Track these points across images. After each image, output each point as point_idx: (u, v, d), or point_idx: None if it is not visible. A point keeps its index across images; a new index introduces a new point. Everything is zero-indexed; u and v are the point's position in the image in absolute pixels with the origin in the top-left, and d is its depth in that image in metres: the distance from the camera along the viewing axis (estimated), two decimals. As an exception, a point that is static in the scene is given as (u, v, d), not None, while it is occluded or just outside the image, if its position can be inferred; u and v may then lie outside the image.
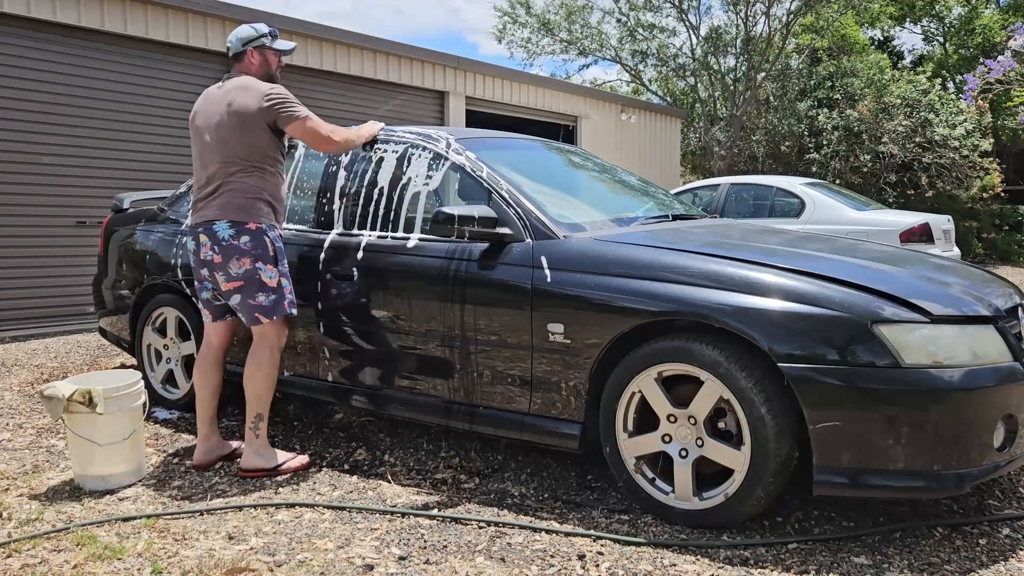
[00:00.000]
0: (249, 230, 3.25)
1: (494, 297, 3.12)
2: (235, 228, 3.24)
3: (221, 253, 3.25)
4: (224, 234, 3.24)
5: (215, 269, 3.29)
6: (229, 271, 3.26)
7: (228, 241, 3.24)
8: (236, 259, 3.24)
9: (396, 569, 2.49)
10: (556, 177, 4.07)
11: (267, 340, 3.33)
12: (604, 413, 2.91)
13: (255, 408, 3.36)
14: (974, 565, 2.50)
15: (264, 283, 3.28)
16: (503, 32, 22.69)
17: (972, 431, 2.48)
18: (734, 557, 2.55)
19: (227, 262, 3.25)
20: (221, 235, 3.24)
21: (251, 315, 3.31)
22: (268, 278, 3.28)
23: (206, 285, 3.42)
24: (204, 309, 3.48)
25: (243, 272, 3.25)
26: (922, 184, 14.66)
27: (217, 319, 3.47)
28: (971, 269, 3.31)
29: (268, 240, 3.29)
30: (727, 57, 20.17)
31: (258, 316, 3.30)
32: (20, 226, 7.01)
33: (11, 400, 4.66)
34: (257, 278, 3.27)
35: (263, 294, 3.28)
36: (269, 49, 3.51)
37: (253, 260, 3.25)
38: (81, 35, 7.29)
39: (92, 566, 2.52)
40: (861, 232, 7.39)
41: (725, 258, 2.82)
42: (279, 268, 3.32)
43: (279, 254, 3.34)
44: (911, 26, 23.17)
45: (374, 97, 10.01)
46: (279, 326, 3.36)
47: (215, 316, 3.46)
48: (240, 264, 3.25)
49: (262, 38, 3.49)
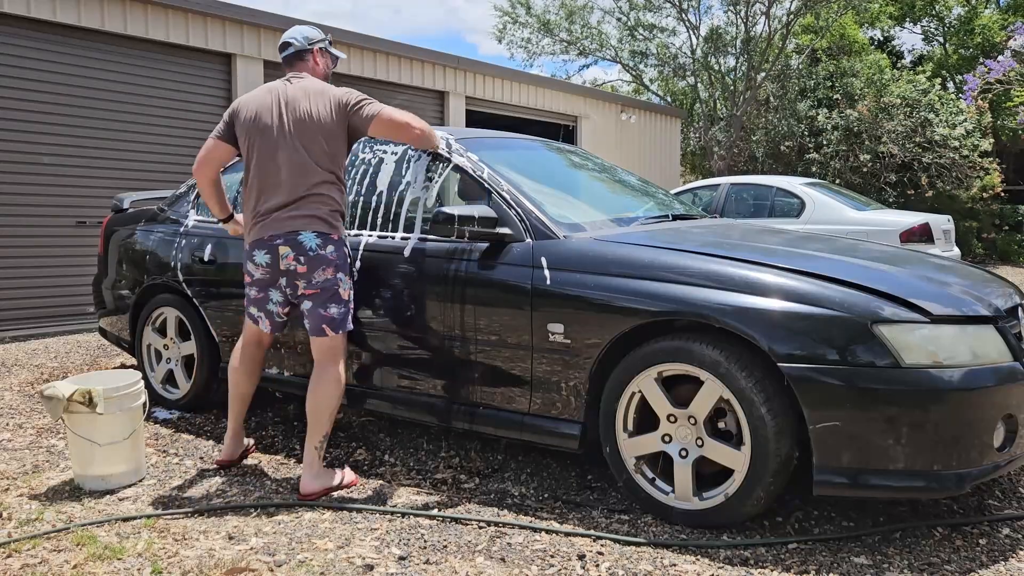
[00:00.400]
0: (334, 240, 3.13)
1: (494, 297, 3.12)
2: (321, 238, 3.10)
3: (307, 264, 3.09)
4: (311, 243, 3.09)
5: (298, 278, 3.13)
6: (312, 279, 3.12)
7: (315, 251, 3.09)
8: (323, 268, 3.11)
9: (396, 569, 2.49)
10: (556, 177, 4.07)
11: (336, 354, 3.16)
12: (604, 413, 2.91)
13: (324, 427, 3.13)
14: (974, 565, 2.50)
15: (339, 295, 3.15)
16: (503, 32, 22.70)
17: (972, 431, 2.48)
18: (734, 557, 2.56)
19: (312, 272, 3.11)
20: (308, 245, 3.09)
21: (318, 325, 3.14)
22: (344, 290, 3.17)
23: (273, 296, 3.24)
24: (266, 319, 3.29)
25: (324, 281, 3.12)
26: (922, 184, 14.66)
27: (276, 331, 3.35)
28: (971, 269, 3.31)
29: (347, 250, 3.24)
30: (727, 57, 20.19)
31: (325, 328, 3.13)
32: (20, 226, 7.01)
33: (11, 400, 4.66)
34: (335, 288, 3.14)
35: (335, 306, 3.15)
36: (329, 54, 3.44)
37: (336, 270, 3.14)
38: (81, 35, 7.29)
39: (92, 566, 2.52)
40: (861, 232, 7.40)
41: (725, 258, 2.82)
42: (351, 282, 3.26)
43: (352, 268, 3.31)
44: (911, 26, 23.17)
45: (374, 97, 9.99)
46: (344, 339, 3.21)
47: (274, 329, 3.34)
48: (325, 273, 3.12)
49: (324, 40, 3.40)
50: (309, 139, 3.12)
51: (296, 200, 3.10)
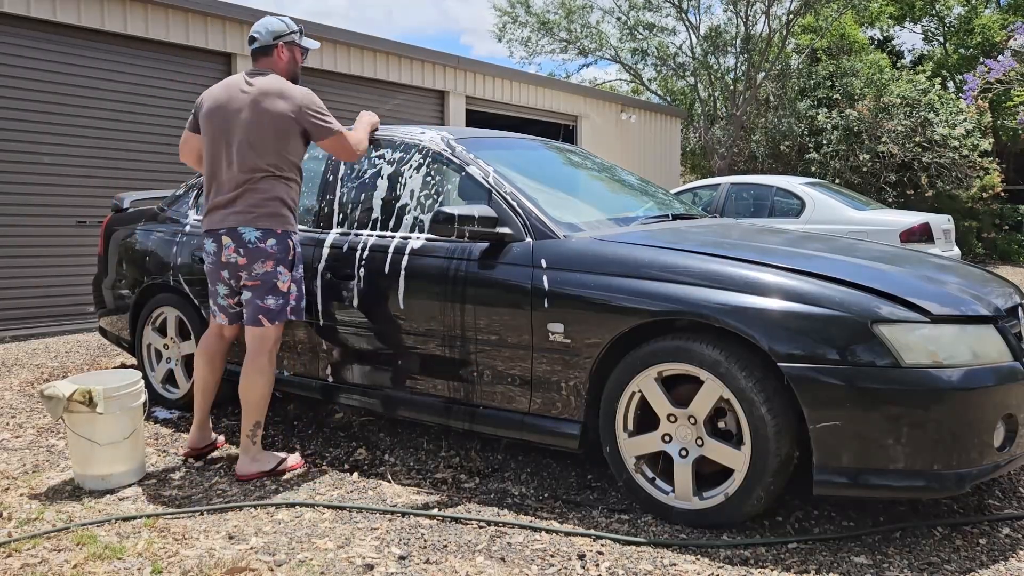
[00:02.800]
0: (276, 234, 3.22)
1: (494, 297, 3.12)
2: (262, 232, 3.20)
3: (247, 256, 3.21)
4: (250, 236, 3.19)
5: (236, 270, 3.25)
6: (252, 270, 3.23)
7: (255, 244, 3.20)
8: (261, 260, 3.22)
9: (396, 569, 2.49)
10: (556, 177, 4.07)
11: (266, 344, 3.29)
12: (604, 413, 2.91)
13: (254, 415, 3.30)
14: (974, 565, 2.50)
15: (277, 287, 3.25)
16: (503, 31, 22.69)
17: (972, 431, 2.48)
18: (734, 557, 2.56)
19: (252, 264, 3.22)
20: (247, 238, 3.20)
21: (255, 316, 3.26)
22: (282, 282, 3.26)
23: (220, 290, 3.37)
24: (220, 313, 3.42)
25: (263, 273, 3.23)
26: (922, 184, 14.66)
27: (233, 323, 3.44)
28: (971, 269, 3.31)
29: (291, 243, 3.28)
30: (727, 57, 20.19)
31: (261, 318, 3.26)
32: (20, 226, 7.01)
33: (11, 400, 4.66)
34: (273, 281, 3.24)
35: (272, 297, 3.25)
36: (298, 46, 3.42)
37: (275, 263, 3.23)
38: (81, 35, 7.29)
39: (92, 566, 2.52)
40: (861, 232, 7.39)
41: (725, 258, 2.82)
42: (293, 273, 3.31)
43: (297, 259, 3.33)
44: (911, 26, 23.17)
45: (374, 97, 10.01)
46: (279, 330, 3.33)
47: (231, 320, 3.43)
48: (264, 266, 3.22)
49: (293, 34, 3.39)
50: (259, 134, 3.19)
51: (239, 195, 3.20)
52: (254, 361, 3.29)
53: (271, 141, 3.20)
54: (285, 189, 3.26)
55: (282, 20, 3.40)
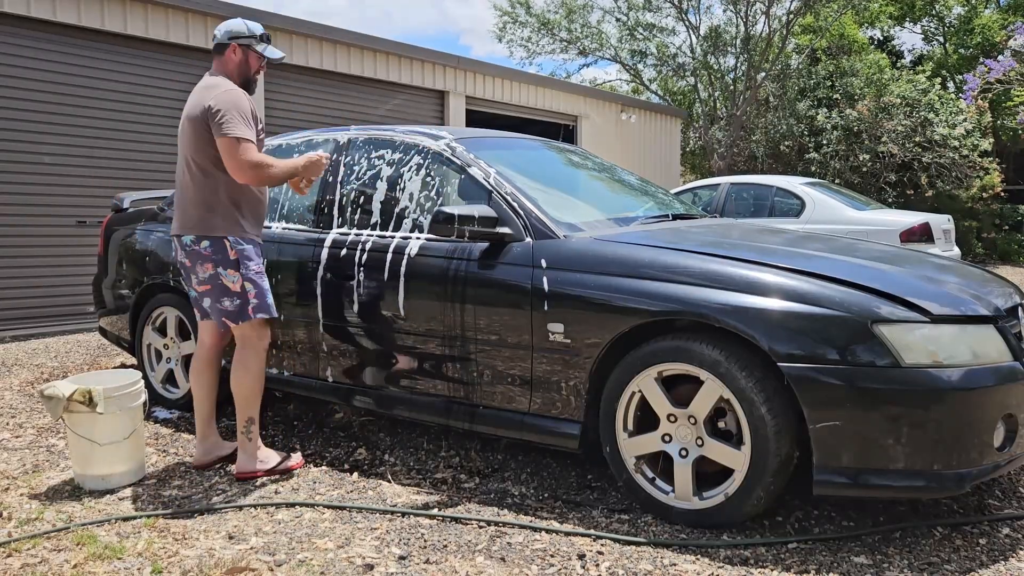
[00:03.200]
0: (208, 237, 3.22)
1: (494, 297, 3.12)
2: (195, 236, 3.23)
3: (188, 257, 3.27)
4: (187, 239, 3.26)
5: (188, 272, 3.32)
6: (197, 274, 3.27)
7: (190, 247, 3.25)
8: (200, 264, 3.24)
9: (396, 569, 2.49)
10: (556, 177, 4.07)
11: (248, 342, 3.29)
12: (604, 413, 2.91)
13: (245, 412, 3.31)
14: (974, 565, 2.50)
15: (227, 288, 3.23)
16: (503, 31, 22.69)
17: (972, 431, 2.48)
18: (734, 557, 2.55)
19: (194, 266, 3.27)
20: (185, 240, 3.27)
21: (219, 319, 3.29)
22: (231, 283, 3.23)
23: (190, 285, 3.40)
24: (195, 308, 3.44)
25: (207, 277, 3.25)
26: (922, 184, 14.66)
27: (205, 317, 3.40)
28: (971, 269, 3.31)
29: (227, 244, 3.23)
30: (727, 57, 20.19)
31: (224, 320, 3.27)
32: (20, 226, 7.01)
33: (11, 400, 4.66)
34: (220, 283, 3.23)
35: (227, 299, 3.23)
36: (253, 51, 3.39)
37: (215, 265, 3.22)
38: (81, 35, 7.29)
39: (92, 566, 2.52)
40: (861, 232, 7.39)
41: (725, 258, 2.82)
42: (243, 272, 3.23)
43: (243, 257, 3.24)
44: (911, 25, 23.17)
45: (374, 97, 10.01)
46: (258, 327, 3.29)
47: (203, 315, 3.40)
48: (204, 269, 3.24)
49: (250, 38, 3.37)
50: (186, 132, 3.23)
51: (180, 197, 3.29)
52: (238, 355, 3.32)
53: (192, 137, 3.20)
54: (212, 188, 3.21)
55: (244, 23, 3.38)
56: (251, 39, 3.38)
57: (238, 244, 3.24)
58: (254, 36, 3.39)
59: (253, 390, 3.31)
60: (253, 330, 3.28)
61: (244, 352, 3.30)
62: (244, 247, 3.26)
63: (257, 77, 3.45)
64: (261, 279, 3.29)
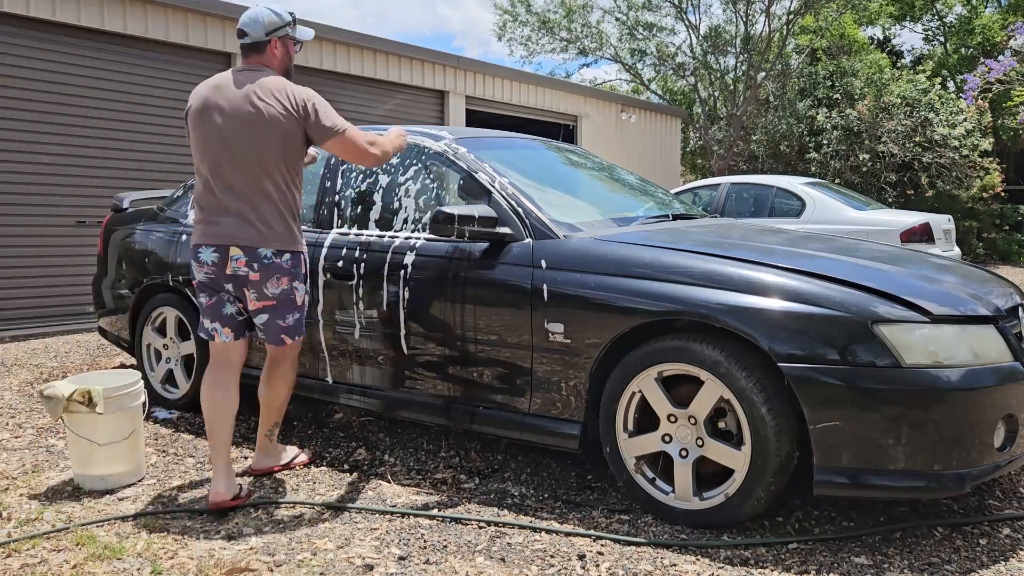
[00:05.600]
0: (290, 251, 3.02)
1: (494, 297, 3.12)
2: (276, 249, 2.97)
3: (261, 271, 2.96)
4: (266, 252, 2.96)
5: (248, 286, 2.99)
6: (265, 290, 2.99)
7: (271, 260, 2.96)
8: (276, 278, 2.99)
9: (396, 569, 2.49)
10: (556, 177, 4.07)
11: (290, 356, 3.20)
12: (604, 413, 2.91)
13: (273, 417, 3.31)
14: (974, 565, 2.50)
15: (295, 303, 3.08)
16: (503, 30, 22.69)
17: (972, 431, 2.47)
18: (734, 557, 2.55)
19: (265, 281, 2.97)
20: (263, 253, 2.95)
21: (277, 336, 3.08)
22: (299, 297, 3.09)
23: (228, 299, 3.05)
24: (224, 327, 3.05)
25: (279, 292, 3.01)
26: (922, 184, 14.65)
27: (239, 337, 3.09)
28: (971, 269, 3.30)
29: (304, 258, 3.11)
30: (727, 56, 20.19)
31: (283, 337, 3.09)
32: (20, 226, 7.00)
33: (11, 400, 4.66)
34: (292, 298, 3.06)
35: (291, 314, 3.08)
36: (291, 39, 3.13)
37: (291, 279, 3.03)
38: (81, 35, 7.28)
39: (92, 566, 2.52)
40: (861, 232, 7.39)
41: (725, 258, 2.81)
42: (306, 286, 3.15)
43: (309, 272, 3.26)
44: (911, 25, 23.16)
45: (374, 96, 10.01)
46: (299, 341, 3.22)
47: (237, 334, 3.08)
48: (279, 284, 3.00)
49: (287, 27, 3.09)
50: (263, 137, 2.91)
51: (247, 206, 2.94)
52: (275, 369, 3.21)
53: (278, 144, 2.93)
54: (295, 197, 3.04)
55: (272, 11, 3.07)
56: (287, 27, 3.10)
57: (306, 258, 3.18)
58: (287, 23, 3.10)
59: (287, 400, 3.32)
60: (299, 344, 3.21)
61: (285, 365, 3.20)
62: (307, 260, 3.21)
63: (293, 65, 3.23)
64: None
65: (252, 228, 2.94)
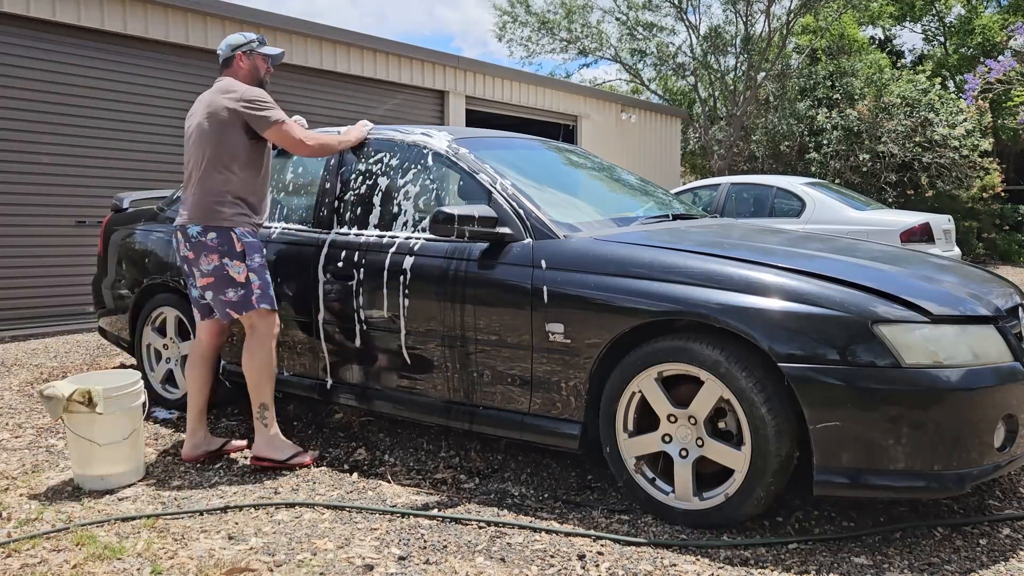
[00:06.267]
0: (214, 228, 3.33)
1: (494, 297, 3.11)
2: (202, 227, 3.33)
3: (192, 249, 3.36)
4: (192, 231, 3.34)
5: (191, 265, 3.40)
6: (201, 267, 3.36)
7: (196, 238, 3.33)
8: (205, 255, 3.34)
9: (396, 569, 2.49)
10: (556, 177, 4.07)
11: (255, 331, 3.40)
12: (604, 413, 2.91)
13: (257, 398, 3.42)
14: (974, 565, 2.50)
15: (232, 279, 3.34)
16: (503, 31, 22.69)
17: (972, 431, 2.47)
18: (734, 557, 2.55)
19: (198, 258, 3.35)
20: (190, 232, 3.34)
21: (223, 310, 3.39)
22: (236, 273, 3.34)
23: (192, 282, 3.47)
24: (194, 308, 3.55)
25: (212, 268, 3.34)
26: (922, 184, 14.65)
27: (205, 317, 3.52)
28: (971, 269, 3.30)
29: (234, 236, 3.35)
30: (727, 57, 20.19)
31: (229, 311, 3.37)
32: (20, 226, 7.00)
33: (11, 400, 4.66)
34: (225, 274, 3.34)
35: (232, 290, 3.35)
36: (257, 54, 3.57)
37: (220, 256, 3.33)
38: (81, 35, 7.28)
39: (92, 566, 2.52)
40: (861, 232, 7.39)
41: (725, 258, 2.81)
42: (248, 263, 3.36)
43: (249, 249, 3.37)
44: (911, 25, 23.16)
45: (374, 96, 10.01)
46: (265, 316, 3.40)
47: (203, 314, 3.52)
48: (209, 260, 3.33)
49: (251, 43, 3.57)
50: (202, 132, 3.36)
51: (190, 192, 3.40)
52: (246, 344, 3.43)
53: (210, 135, 3.34)
54: (224, 180, 3.35)
55: (242, 34, 3.60)
56: (251, 43, 3.57)
57: (245, 237, 3.37)
58: (253, 40, 3.59)
59: (262, 376, 3.39)
60: (261, 318, 3.39)
61: (251, 340, 3.41)
62: (250, 240, 3.39)
63: (268, 79, 3.63)
64: (264, 273, 3.43)
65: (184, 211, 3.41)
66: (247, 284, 3.36)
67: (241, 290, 3.35)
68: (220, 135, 3.34)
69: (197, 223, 3.33)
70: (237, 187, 3.38)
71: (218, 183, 3.35)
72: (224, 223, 3.33)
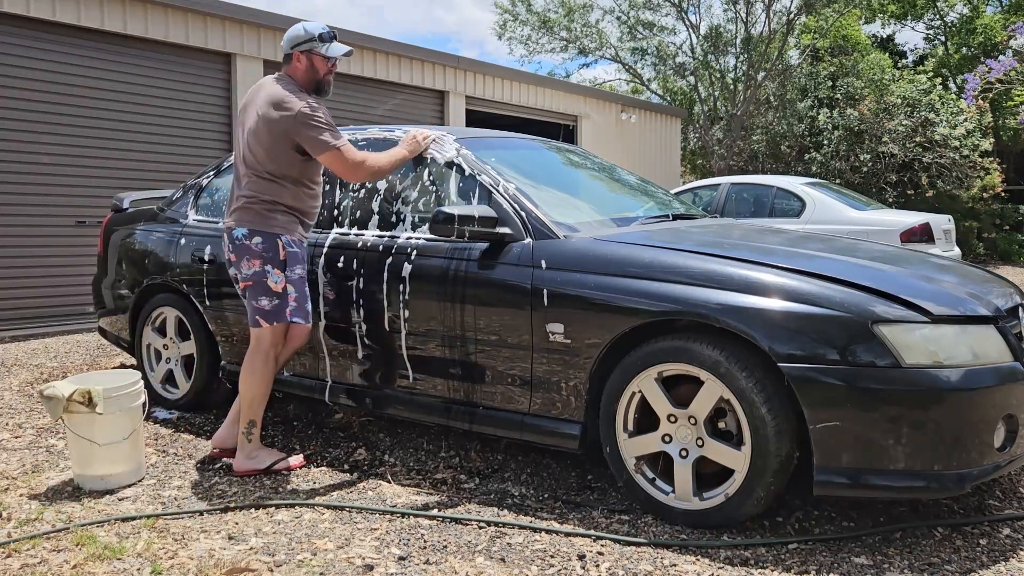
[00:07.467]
0: (262, 232, 3.27)
1: (494, 297, 3.11)
2: (248, 230, 3.27)
3: (235, 252, 3.30)
4: (238, 233, 3.28)
5: (233, 267, 3.35)
6: (242, 270, 3.30)
7: (241, 241, 3.28)
8: (247, 259, 3.27)
9: (396, 569, 2.49)
10: (556, 177, 4.07)
11: (262, 345, 3.31)
12: (604, 413, 2.90)
13: (248, 414, 3.33)
14: (974, 565, 2.50)
15: (269, 287, 3.27)
16: (504, 29, 22.69)
17: (972, 431, 2.47)
18: (734, 557, 2.55)
19: (240, 261, 3.29)
20: (236, 234, 3.29)
21: (252, 317, 3.32)
22: (274, 282, 3.27)
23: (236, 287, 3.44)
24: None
25: (252, 273, 3.28)
26: (922, 184, 14.65)
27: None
28: (971, 269, 3.30)
29: (280, 244, 3.28)
30: (727, 56, 20.18)
31: (258, 319, 3.30)
32: (20, 226, 7.00)
33: (11, 400, 4.66)
34: (263, 281, 3.27)
35: (266, 298, 3.27)
36: (316, 54, 3.35)
37: (263, 262, 3.26)
38: (81, 35, 7.28)
39: (92, 566, 2.52)
40: (861, 232, 7.39)
41: (725, 258, 2.81)
42: (287, 274, 3.29)
43: (291, 260, 3.31)
44: (912, 24, 23.15)
45: (374, 96, 10.01)
46: (277, 333, 3.31)
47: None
48: (250, 265, 3.27)
49: (310, 41, 3.34)
50: (256, 138, 3.25)
51: (239, 195, 3.32)
52: (248, 360, 3.34)
53: (265, 145, 3.24)
54: (277, 191, 3.28)
55: (304, 27, 3.36)
56: (311, 42, 3.34)
57: (290, 246, 3.31)
58: (313, 38, 3.34)
59: (260, 393, 3.33)
60: (271, 335, 3.31)
61: (256, 355, 3.32)
62: (294, 250, 3.32)
63: (329, 78, 3.42)
64: (303, 286, 3.35)
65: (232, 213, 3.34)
66: (283, 295, 3.28)
67: (276, 300, 3.27)
68: (273, 145, 3.23)
69: (244, 226, 3.27)
70: (289, 199, 3.31)
71: (272, 191, 3.27)
72: (274, 229, 3.27)
